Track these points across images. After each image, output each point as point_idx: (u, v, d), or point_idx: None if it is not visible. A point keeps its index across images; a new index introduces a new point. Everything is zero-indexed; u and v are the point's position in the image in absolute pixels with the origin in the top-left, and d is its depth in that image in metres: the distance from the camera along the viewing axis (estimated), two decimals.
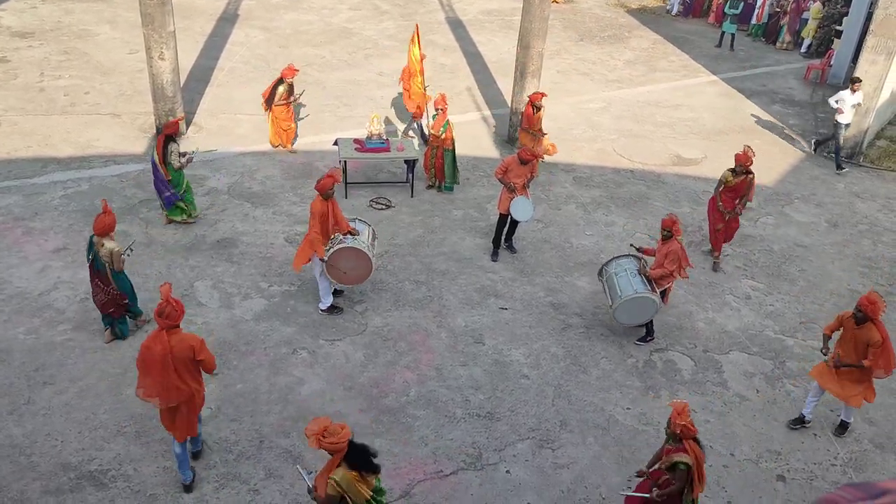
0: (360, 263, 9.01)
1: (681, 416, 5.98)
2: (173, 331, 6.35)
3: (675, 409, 6.04)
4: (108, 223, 8.00)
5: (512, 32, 18.70)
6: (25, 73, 15.22)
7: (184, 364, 6.40)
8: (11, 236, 10.24)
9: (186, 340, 6.40)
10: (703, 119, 15.82)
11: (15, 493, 6.72)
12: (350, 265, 8.97)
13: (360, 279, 9.17)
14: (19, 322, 8.73)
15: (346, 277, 9.07)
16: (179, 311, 6.37)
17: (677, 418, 5.99)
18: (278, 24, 19.41)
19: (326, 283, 9.11)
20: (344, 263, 8.94)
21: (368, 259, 9.01)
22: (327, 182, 8.66)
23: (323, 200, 8.72)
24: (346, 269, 8.99)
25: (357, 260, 8.97)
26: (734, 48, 20.29)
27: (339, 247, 8.82)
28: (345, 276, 9.04)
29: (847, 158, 14.48)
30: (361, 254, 8.95)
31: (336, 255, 8.85)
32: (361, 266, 9.04)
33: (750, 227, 11.96)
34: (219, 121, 13.96)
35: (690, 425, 5.97)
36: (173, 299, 6.35)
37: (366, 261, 9.01)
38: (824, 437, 8.07)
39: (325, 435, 5.26)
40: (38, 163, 12.13)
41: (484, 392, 8.31)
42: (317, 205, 8.71)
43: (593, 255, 10.87)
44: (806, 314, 10.04)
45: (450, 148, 11.86)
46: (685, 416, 5.98)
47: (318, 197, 8.74)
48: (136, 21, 14.60)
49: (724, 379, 8.81)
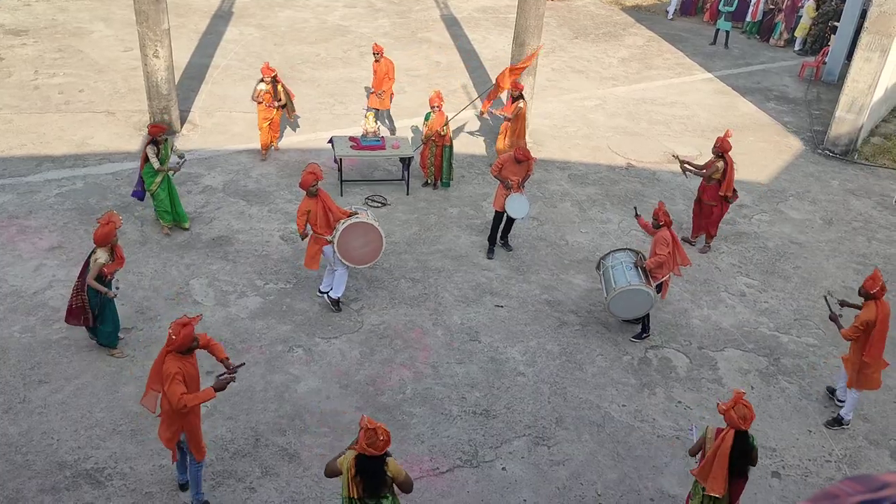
0: (371, 237, 8.97)
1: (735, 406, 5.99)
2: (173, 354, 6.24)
3: (735, 398, 6.07)
4: (101, 234, 7.70)
5: (507, 30, 18.70)
6: (20, 70, 15.17)
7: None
8: (6, 234, 10.21)
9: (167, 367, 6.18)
10: (698, 116, 15.85)
11: (10, 492, 6.71)
12: (361, 242, 8.93)
13: (375, 252, 9.09)
14: (14, 320, 8.71)
15: (363, 255, 9.01)
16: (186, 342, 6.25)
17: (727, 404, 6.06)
18: (273, 21, 19.37)
19: (345, 270, 9.08)
20: (354, 242, 8.90)
21: (377, 230, 8.96)
22: (307, 178, 8.60)
23: (310, 198, 8.70)
24: (358, 247, 8.95)
25: (366, 235, 8.93)
26: (728, 46, 20.32)
27: (342, 227, 8.77)
28: (360, 254, 8.99)
29: (842, 156, 14.53)
30: (368, 226, 8.92)
31: (344, 236, 8.81)
32: (372, 239, 8.99)
33: (745, 225, 11.99)
34: (214, 118, 13.93)
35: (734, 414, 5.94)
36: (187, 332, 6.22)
37: (375, 233, 8.96)
38: (818, 434, 8.11)
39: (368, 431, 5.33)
40: (32, 161, 12.10)
41: (480, 389, 8.33)
42: (302, 204, 8.72)
43: (589, 253, 10.89)
44: (800, 311, 10.07)
45: (448, 145, 11.88)
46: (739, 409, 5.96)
47: (305, 197, 8.74)
48: (131, 19, 14.56)
49: (719, 376, 8.84)
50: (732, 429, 6.00)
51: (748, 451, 6.12)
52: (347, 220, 8.89)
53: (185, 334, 6.14)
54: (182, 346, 6.16)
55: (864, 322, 7.59)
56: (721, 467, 6.02)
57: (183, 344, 6.16)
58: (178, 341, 6.13)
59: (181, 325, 6.18)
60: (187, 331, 6.16)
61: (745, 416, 5.94)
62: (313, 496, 6.94)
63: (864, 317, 7.60)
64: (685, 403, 8.38)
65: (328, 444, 7.48)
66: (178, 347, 6.16)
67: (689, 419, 8.15)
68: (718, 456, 6.00)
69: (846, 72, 14.64)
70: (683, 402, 8.40)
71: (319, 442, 7.50)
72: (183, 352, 6.21)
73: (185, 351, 6.24)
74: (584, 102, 16.10)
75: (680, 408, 8.32)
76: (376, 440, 5.29)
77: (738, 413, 5.93)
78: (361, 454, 5.37)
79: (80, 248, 10.04)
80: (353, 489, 5.45)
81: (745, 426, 5.98)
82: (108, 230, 7.74)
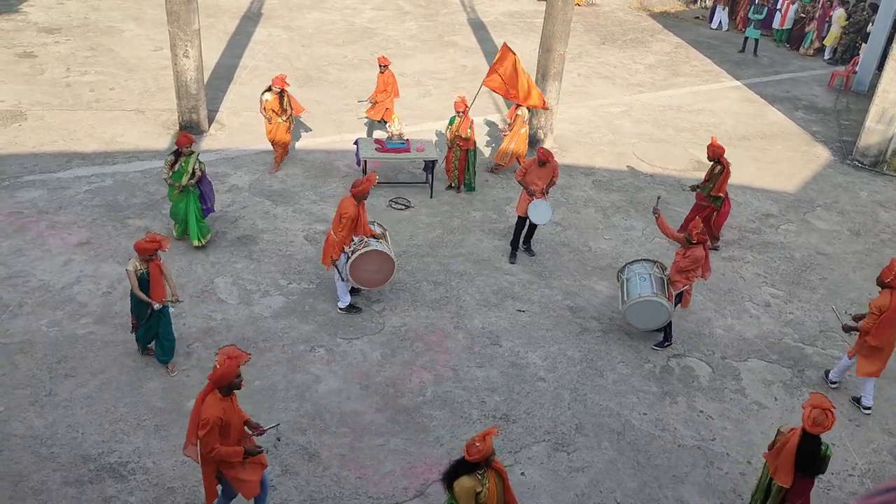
0: (384, 266, 9.07)
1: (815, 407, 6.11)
2: (216, 392, 5.90)
3: (822, 403, 6.17)
4: (137, 245, 7.64)
5: (534, 35, 18.68)
6: (52, 68, 15.43)
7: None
8: (35, 230, 10.38)
9: (206, 409, 5.84)
10: (725, 124, 15.72)
11: (35, 484, 6.81)
12: (374, 268, 9.02)
13: (381, 282, 9.21)
14: (42, 314, 8.85)
15: (369, 280, 9.11)
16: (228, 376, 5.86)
17: (812, 401, 6.17)
18: (301, 23, 19.52)
19: (344, 282, 9.16)
20: (368, 266, 8.98)
21: (392, 263, 9.08)
22: (366, 187, 8.71)
23: (356, 203, 8.76)
24: (370, 273, 9.03)
25: (381, 263, 9.03)
26: (757, 54, 20.14)
27: (365, 250, 8.86)
28: (368, 278, 9.09)
29: (871, 167, 14.34)
30: (387, 258, 9.01)
31: (362, 258, 8.89)
32: (385, 269, 9.10)
33: (771, 235, 11.88)
34: (241, 118, 14.06)
35: (808, 413, 6.10)
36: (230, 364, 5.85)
37: (389, 264, 9.07)
38: (842, 447, 8.01)
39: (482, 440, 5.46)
40: (63, 157, 12.29)
41: (500, 394, 8.32)
42: (350, 208, 8.72)
43: (612, 260, 10.84)
44: (826, 323, 9.95)
45: (473, 149, 11.90)
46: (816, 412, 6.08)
47: (351, 199, 8.75)
48: (162, 18, 14.76)
49: (742, 386, 8.76)
50: (802, 428, 6.18)
51: (815, 455, 6.27)
52: (369, 244, 8.93)
53: (230, 366, 5.78)
54: (223, 379, 5.80)
55: (878, 307, 7.96)
56: (788, 461, 6.24)
57: (224, 377, 5.79)
58: (219, 372, 5.78)
59: (227, 357, 5.82)
60: (231, 364, 5.79)
61: (818, 420, 6.09)
62: (332, 495, 6.98)
63: (879, 302, 7.98)
64: (707, 413, 8.31)
65: (348, 444, 7.52)
66: (219, 381, 5.80)
67: (710, 429, 8.09)
68: (785, 451, 6.23)
69: (877, 82, 14.47)
70: (705, 411, 8.33)
71: (339, 442, 7.54)
72: (224, 390, 5.86)
73: (226, 389, 5.87)
74: (610, 108, 16.04)
75: (702, 417, 8.25)
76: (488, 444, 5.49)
77: (812, 415, 6.10)
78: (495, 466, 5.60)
79: (108, 244, 10.19)
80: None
81: (813, 430, 6.13)
82: (146, 246, 7.60)
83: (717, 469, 7.63)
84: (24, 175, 11.66)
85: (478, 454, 5.45)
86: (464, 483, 5.50)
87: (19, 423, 7.41)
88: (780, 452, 6.29)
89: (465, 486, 5.50)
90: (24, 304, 8.99)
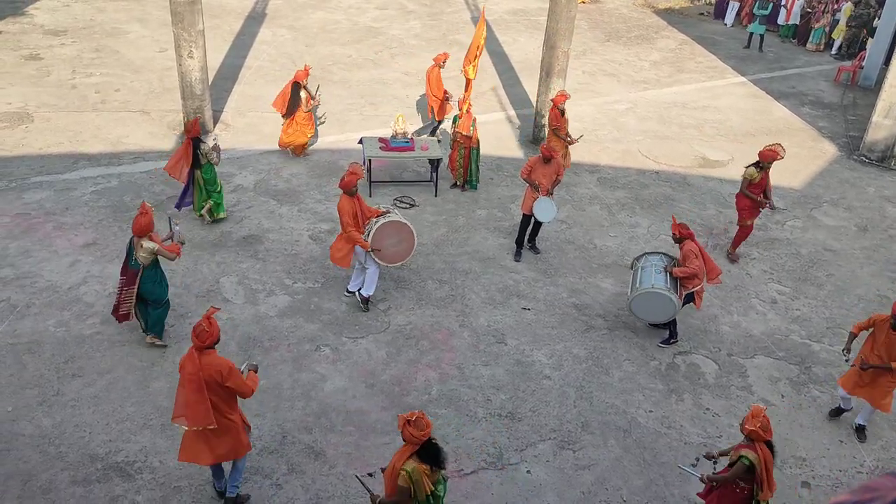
0: (404, 235, 9.07)
1: (754, 420, 6.05)
2: (206, 352, 6.17)
3: (752, 412, 6.12)
4: (143, 223, 7.87)
5: (538, 32, 18.67)
6: (58, 70, 15.49)
7: (215, 388, 6.17)
8: (42, 231, 10.43)
9: (214, 364, 6.15)
10: (731, 121, 15.67)
11: (43, 482, 6.85)
12: (394, 240, 9.02)
13: (408, 250, 9.19)
14: (49, 315, 8.89)
15: (395, 253, 9.10)
16: (213, 333, 6.17)
17: (750, 421, 6.08)
18: (305, 22, 19.54)
19: (377, 268, 9.15)
20: (388, 241, 8.99)
21: (408, 228, 9.05)
22: (351, 179, 8.73)
23: (349, 198, 8.79)
24: (392, 246, 9.03)
25: (399, 233, 9.02)
26: (763, 49, 20.07)
27: (376, 226, 8.87)
28: (393, 252, 9.08)
29: (878, 162, 14.28)
30: (400, 225, 9.00)
31: (378, 235, 8.89)
32: (405, 237, 9.09)
33: (777, 231, 11.83)
34: (246, 119, 14.09)
35: (762, 430, 6.02)
36: (212, 321, 6.22)
37: (406, 230, 9.05)
38: (850, 444, 7.97)
39: (411, 423, 5.52)
40: (69, 158, 12.34)
41: (505, 392, 8.32)
42: (344, 204, 8.77)
43: (617, 257, 10.82)
44: (833, 319, 9.91)
45: (476, 147, 11.91)
46: (758, 421, 6.04)
47: (343, 195, 8.81)
48: (166, 19, 14.80)
49: (748, 383, 8.73)
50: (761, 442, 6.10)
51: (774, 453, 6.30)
52: (379, 219, 8.96)
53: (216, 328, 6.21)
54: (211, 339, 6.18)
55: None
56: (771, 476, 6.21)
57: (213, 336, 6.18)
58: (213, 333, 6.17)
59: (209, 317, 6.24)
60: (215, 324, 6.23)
61: (766, 426, 6.07)
62: (338, 494, 6.99)
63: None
64: (713, 410, 8.29)
65: (353, 442, 7.53)
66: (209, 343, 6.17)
67: (717, 427, 8.06)
68: (769, 467, 6.14)
69: (883, 77, 14.40)
70: (712, 409, 8.31)
71: (345, 441, 7.55)
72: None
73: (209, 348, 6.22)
74: (615, 106, 16.01)
75: (708, 415, 8.23)
76: (424, 424, 5.54)
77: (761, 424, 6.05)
78: (420, 449, 5.56)
79: (114, 244, 10.23)
80: (427, 486, 5.59)
81: (770, 435, 6.12)
82: (148, 218, 7.89)
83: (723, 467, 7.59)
84: (30, 176, 11.71)
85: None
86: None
87: (27, 423, 7.45)
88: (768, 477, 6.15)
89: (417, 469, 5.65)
90: (31, 304, 9.03)
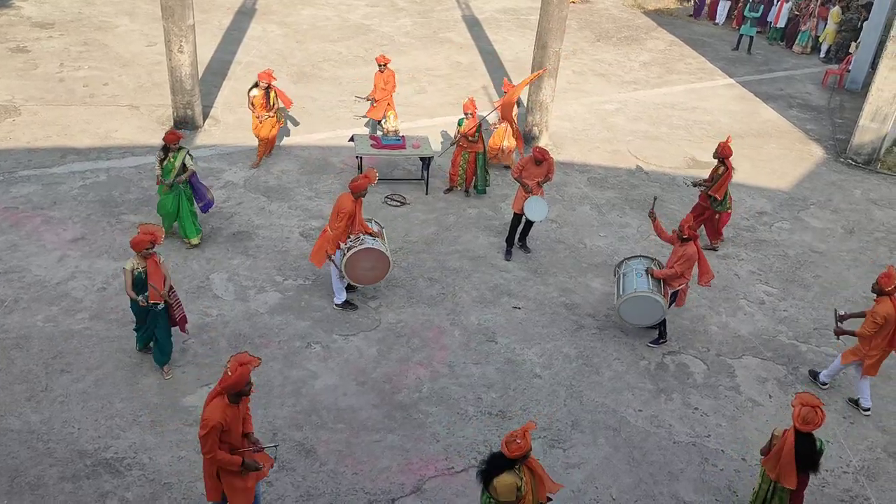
0: (380, 265, 9.10)
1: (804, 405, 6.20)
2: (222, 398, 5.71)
3: (810, 401, 6.24)
4: (133, 240, 7.53)
5: (528, 31, 18.70)
6: (45, 63, 15.35)
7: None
8: (30, 225, 10.34)
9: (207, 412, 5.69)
10: (719, 122, 15.77)
11: (32, 479, 6.80)
12: (369, 265, 9.04)
13: (376, 279, 9.24)
14: (37, 310, 8.82)
15: (364, 277, 9.14)
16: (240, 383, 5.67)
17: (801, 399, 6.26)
18: (295, 19, 19.47)
19: (338, 276, 9.17)
20: (364, 264, 9.00)
21: (388, 261, 9.11)
22: (363, 183, 8.71)
23: (353, 200, 8.76)
24: (365, 270, 9.05)
25: (377, 261, 9.05)
26: (752, 52, 20.20)
27: (361, 248, 8.87)
28: (363, 275, 9.11)
29: (865, 165, 14.41)
30: (383, 256, 9.04)
31: (358, 255, 8.90)
32: (380, 267, 9.13)
33: (765, 232, 11.93)
34: (236, 114, 14.03)
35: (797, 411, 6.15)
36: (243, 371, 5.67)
37: (385, 262, 9.10)
38: (837, 445, 8.06)
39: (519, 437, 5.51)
40: (57, 152, 12.24)
41: (496, 390, 8.34)
42: (347, 204, 8.74)
43: (607, 257, 10.87)
44: (820, 320, 10.00)
45: (482, 151, 11.84)
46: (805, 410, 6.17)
47: (349, 195, 8.76)
48: (155, 13, 14.71)
49: (736, 383, 8.80)
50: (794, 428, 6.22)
51: (812, 452, 6.32)
52: (365, 241, 8.93)
53: (242, 373, 5.63)
54: (235, 386, 5.64)
55: (882, 316, 7.93)
56: (789, 463, 6.26)
57: (237, 384, 5.63)
58: (232, 380, 5.61)
59: (239, 364, 5.65)
60: (244, 371, 5.64)
61: (808, 418, 6.14)
62: (329, 491, 6.99)
63: (883, 311, 7.95)
64: (702, 410, 8.35)
65: (344, 440, 7.53)
66: (232, 388, 5.64)
67: (705, 426, 8.13)
68: (784, 453, 6.24)
69: (871, 80, 14.54)
70: (700, 408, 8.37)
71: (336, 438, 7.55)
72: (232, 397, 5.70)
73: (235, 396, 5.72)
74: (605, 106, 16.06)
75: (697, 414, 8.29)
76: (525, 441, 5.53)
77: (802, 413, 6.15)
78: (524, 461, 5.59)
79: (102, 239, 10.16)
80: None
81: (804, 428, 6.18)
82: (139, 238, 7.50)
83: (711, 466, 7.67)
84: (18, 170, 11.61)
85: (518, 451, 5.44)
86: (505, 480, 5.47)
87: (15, 419, 7.39)
88: (780, 456, 6.29)
89: (506, 483, 5.47)
90: (19, 299, 8.96)
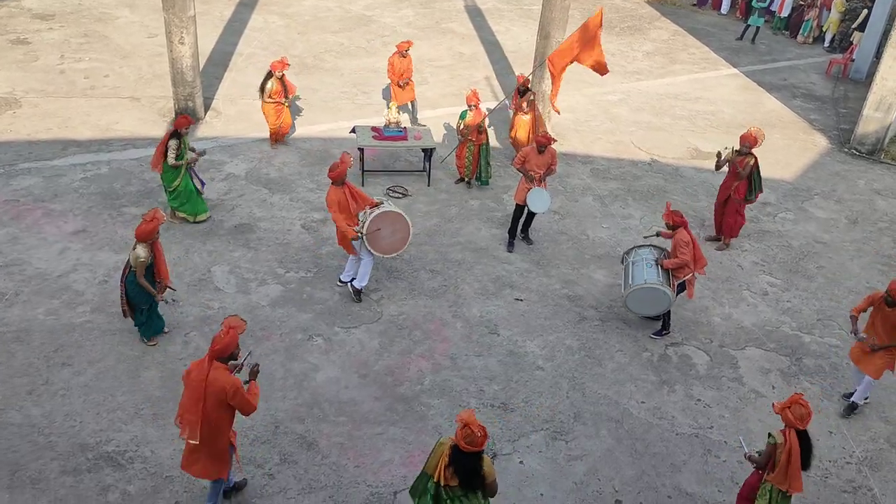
0: (398, 226, 8.98)
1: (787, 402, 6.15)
2: (216, 364, 5.92)
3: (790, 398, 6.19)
4: (144, 230, 7.63)
5: (531, 21, 18.59)
6: (46, 55, 15.30)
7: (215, 402, 5.93)
8: (31, 217, 10.32)
9: (221, 380, 5.87)
10: (723, 112, 15.69)
11: (33, 472, 6.80)
12: (388, 231, 8.93)
13: (403, 241, 9.11)
14: (39, 303, 8.81)
15: (390, 244, 9.02)
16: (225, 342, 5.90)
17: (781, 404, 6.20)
18: (297, 10, 19.38)
19: (370, 259, 9.09)
20: (384, 231, 8.90)
21: (404, 218, 8.98)
22: (342, 169, 8.65)
23: (337, 188, 8.71)
24: (386, 236, 8.94)
25: (394, 223, 8.93)
26: (756, 42, 20.07)
27: (371, 217, 8.78)
28: (388, 243, 9.00)
29: (868, 155, 14.33)
30: (395, 215, 8.92)
31: (373, 225, 8.80)
32: (399, 228, 9.00)
33: (768, 223, 11.87)
34: (237, 106, 13.98)
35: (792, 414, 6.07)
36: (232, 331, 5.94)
37: (402, 221, 8.98)
38: (839, 435, 8.03)
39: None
40: (58, 145, 12.21)
41: (498, 382, 8.32)
42: (333, 195, 8.70)
43: (610, 248, 10.83)
44: (824, 311, 9.96)
45: (486, 143, 11.77)
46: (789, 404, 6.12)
47: (332, 186, 8.73)
48: (156, 4, 14.65)
49: (739, 374, 8.77)
50: (792, 428, 6.14)
51: (811, 448, 6.29)
52: (374, 209, 8.89)
53: (233, 337, 5.90)
54: (226, 349, 5.88)
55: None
56: (797, 466, 6.19)
57: (227, 347, 5.87)
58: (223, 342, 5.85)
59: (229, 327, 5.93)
60: (234, 334, 5.91)
61: (801, 415, 6.09)
62: (331, 483, 6.98)
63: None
64: (705, 401, 8.33)
65: (346, 433, 7.52)
66: (222, 352, 5.88)
67: (708, 417, 8.10)
68: (793, 460, 6.13)
69: (875, 70, 14.44)
70: (703, 399, 8.35)
71: (338, 431, 7.54)
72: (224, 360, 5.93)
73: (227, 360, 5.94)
74: (608, 97, 15.98)
75: (699, 406, 8.27)
76: (474, 437, 5.38)
77: (795, 413, 6.09)
78: (457, 447, 5.46)
79: (104, 232, 10.15)
80: (443, 476, 5.53)
81: (803, 425, 6.12)
82: (152, 227, 7.64)
83: (714, 457, 7.65)
84: (19, 163, 11.58)
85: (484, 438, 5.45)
86: (487, 462, 5.61)
87: (16, 412, 7.39)
88: (788, 466, 6.14)
89: (490, 463, 5.64)
90: (20, 292, 8.95)
